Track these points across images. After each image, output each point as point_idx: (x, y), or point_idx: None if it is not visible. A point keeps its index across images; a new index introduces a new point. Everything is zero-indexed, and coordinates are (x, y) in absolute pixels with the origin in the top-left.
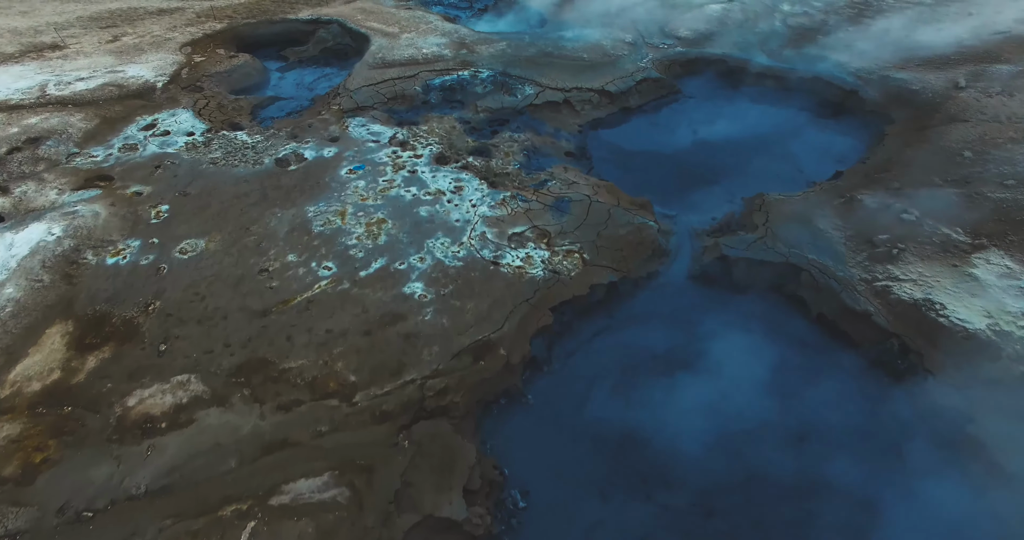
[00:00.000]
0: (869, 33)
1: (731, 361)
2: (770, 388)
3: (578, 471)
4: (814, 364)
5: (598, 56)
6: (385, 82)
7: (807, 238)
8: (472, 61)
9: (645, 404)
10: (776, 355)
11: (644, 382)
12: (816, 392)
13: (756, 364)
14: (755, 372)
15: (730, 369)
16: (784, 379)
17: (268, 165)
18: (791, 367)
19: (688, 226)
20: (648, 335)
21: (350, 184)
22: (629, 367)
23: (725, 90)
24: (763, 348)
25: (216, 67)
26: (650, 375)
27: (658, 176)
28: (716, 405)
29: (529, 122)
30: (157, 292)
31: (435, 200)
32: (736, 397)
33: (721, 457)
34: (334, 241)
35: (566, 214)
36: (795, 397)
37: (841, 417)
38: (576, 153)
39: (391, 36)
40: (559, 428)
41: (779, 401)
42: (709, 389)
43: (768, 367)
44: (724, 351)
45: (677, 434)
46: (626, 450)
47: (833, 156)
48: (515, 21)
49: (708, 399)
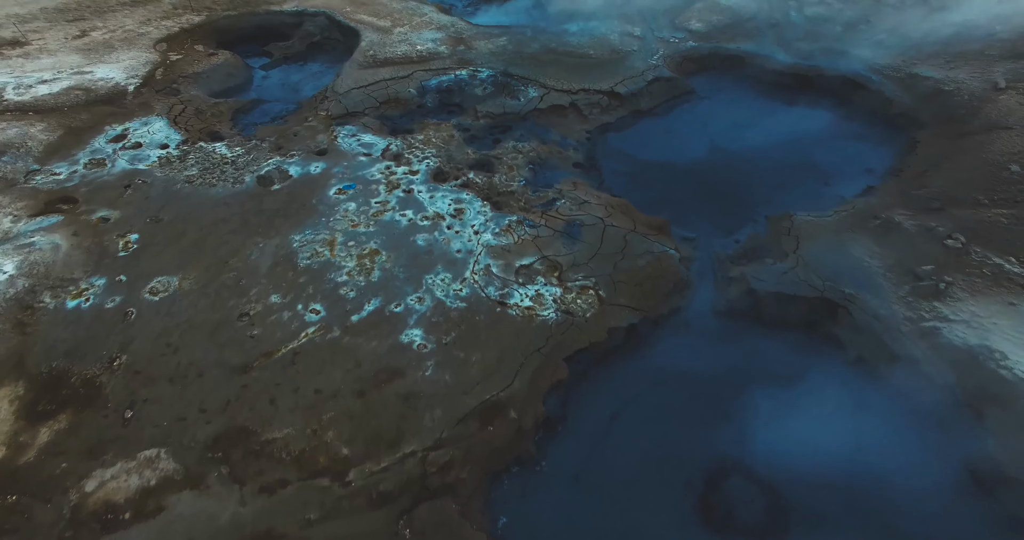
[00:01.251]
0: (891, 24)
1: (765, 422)
2: (814, 456)
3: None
4: (855, 422)
5: (605, 52)
6: (377, 84)
7: (842, 268)
8: (471, 59)
9: (662, 465)
10: (813, 409)
11: (663, 436)
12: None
13: (794, 422)
14: (792, 433)
15: (764, 433)
16: (823, 442)
17: (249, 184)
18: (829, 423)
19: (710, 250)
20: (672, 386)
21: (339, 207)
22: (650, 423)
23: (741, 89)
24: (799, 403)
25: (194, 66)
26: (671, 429)
27: (674, 190)
28: (752, 471)
29: (533, 129)
30: (124, 343)
31: (434, 226)
32: (772, 456)
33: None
34: (322, 277)
35: (578, 241)
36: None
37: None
38: (585, 164)
39: (383, 30)
40: (577, 499)
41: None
42: (736, 448)
43: (807, 425)
44: (757, 408)
45: (707, 503)
46: (647, 523)
47: (860, 165)
48: (515, 12)
49: (737, 462)
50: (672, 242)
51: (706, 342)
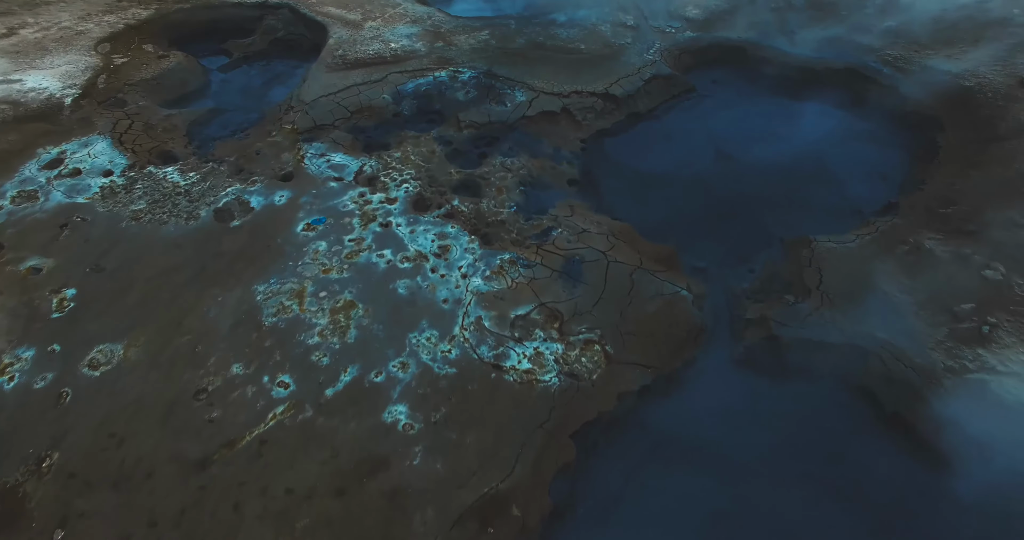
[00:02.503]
0: (899, 7)
1: (796, 507)
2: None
3: None
4: (893, 494)
5: (598, 46)
6: (347, 90)
7: (871, 306)
8: (451, 57)
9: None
10: (846, 478)
11: (682, 524)
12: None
13: (824, 494)
14: (823, 510)
15: (791, 510)
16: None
17: (205, 219)
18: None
19: (723, 283)
20: (690, 460)
21: (309, 247)
22: (667, 509)
23: (744, 85)
24: (829, 471)
25: (142, 72)
26: (690, 516)
27: (679, 208)
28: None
29: (523, 140)
30: (56, 436)
31: (416, 269)
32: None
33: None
34: (291, 339)
35: (579, 283)
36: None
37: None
38: (581, 181)
39: (353, 25)
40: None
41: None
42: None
43: (839, 494)
44: (785, 477)
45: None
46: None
47: (878, 174)
48: (495, 8)
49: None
50: (683, 279)
51: (725, 400)
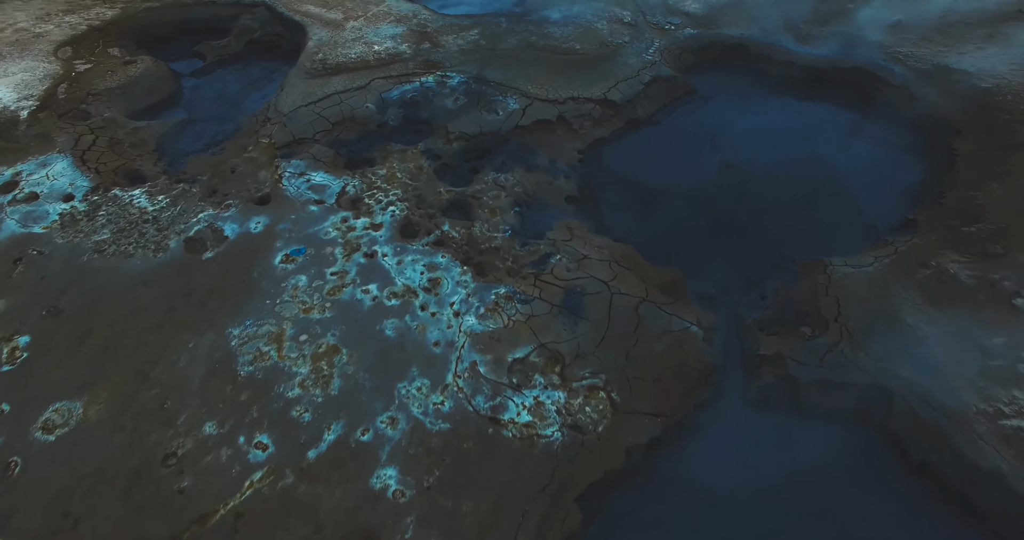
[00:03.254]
0: None
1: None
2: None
3: None
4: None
5: (594, 46)
6: (328, 98)
7: (895, 340)
8: (438, 60)
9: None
10: (872, 534)
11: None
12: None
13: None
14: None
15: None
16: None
17: (175, 251)
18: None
19: (733, 310)
20: (706, 521)
21: (287, 282)
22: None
23: (747, 86)
24: (854, 527)
25: (107, 79)
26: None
27: (683, 225)
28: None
29: (516, 152)
30: (2, 515)
31: (404, 306)
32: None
33: None
34: (269, 392)
35: (581, 319)
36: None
37: None
38: (580, 197)
39: (333, 25)
40: None
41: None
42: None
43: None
44: (807, 534)
45: None
46: None
47: (892, 184)
48: (484, 1)
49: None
50: (691, 311)
51: (739, 449)
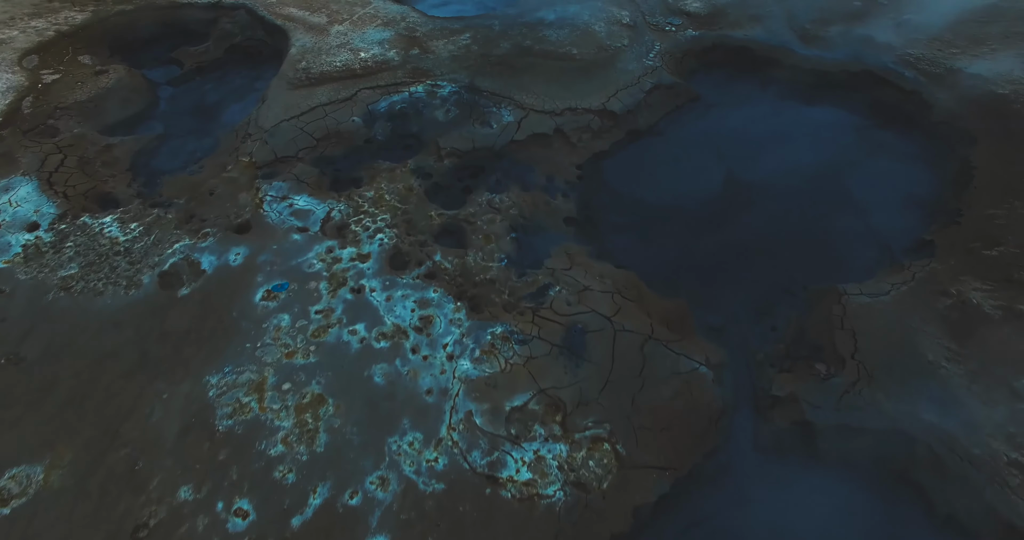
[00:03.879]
0: None
1: None
2: None
3: None
4: None
5: (591, 50)
6: (312, 111)
7: (916, 380)
8: (428, 68)
9: None
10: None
11: None
12: None
13: None
14: None
15: None
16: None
17: (148, 287)
18: None
19: (743, 343)
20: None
21: (269, 322)
22: None
23: (752, 91)
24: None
25: (77, 92)
26: None
27: (688, 248)
28: None
29: (511, 169)
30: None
31: (394, 348)
32: None
33: None
34: (249, 449)
35: (583, 360)
36: None
37: None
38: (579, 218)
39: (317, 30)
40: None
41: None
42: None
43: None
44: None
45: None
46: None
47: (906, 199)
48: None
49: None
50: (699, 348)
51: (752, 501)
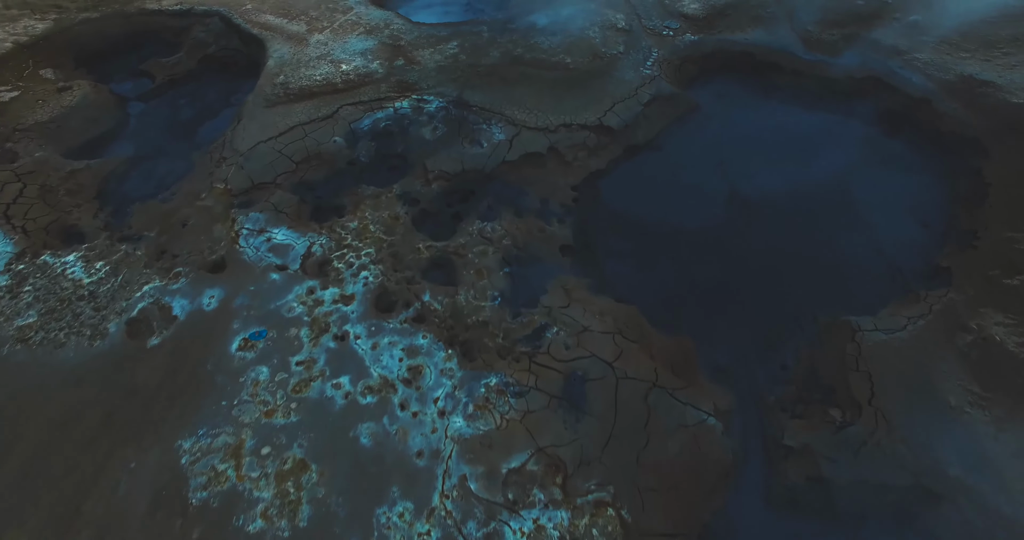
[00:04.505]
0: None
1: None
2: None
3: None
4: None
5: (586, 58)
6: (291, 132)
7: (939, 430)
8: (413, 81)
9: None
10: None
11: None
12: None
13: None
14: None
15: None
16: None
17: (115, 337)
18: None
19: (752, 386)
20: None
21: (246, 376)
22: None
23: (754, 99)
24: None
25: (38, 111)
26: None
27: (691, 276)
28: None
29: (504, 193)
30: None
31: (381, 404)
32: None
33: None
34: (226, 525)
35: (583, 413)
36: None
37: None
38: (576, 246)
39: (296, 39)
40: None
41: None
42: None
43: None
44: None
45: None
46: None
47: (917, 217)
48: (463, 1)
49: None
50: (706, 392)
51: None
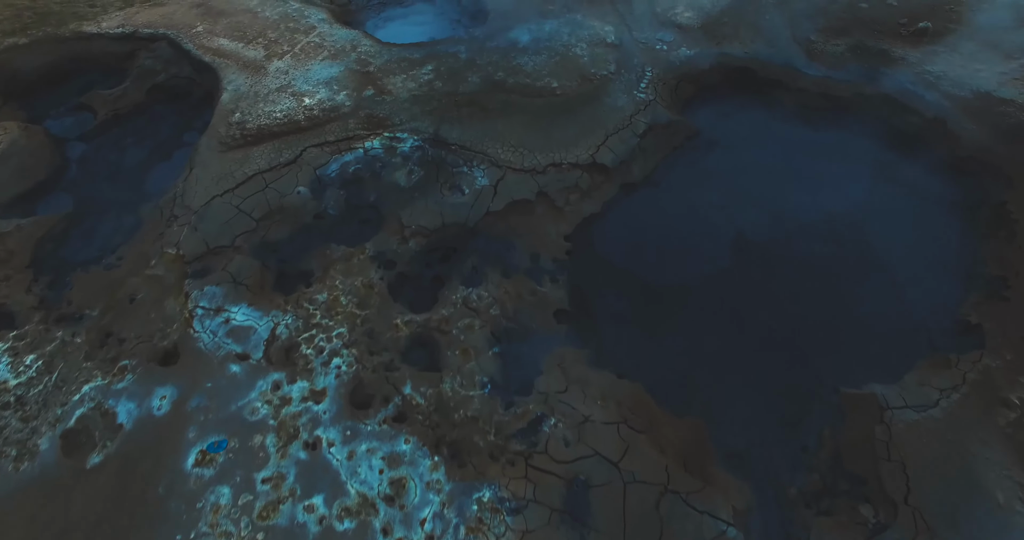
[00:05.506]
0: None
1: None
2: None
3: None
4: None
5: (574, 81)
6: (249, 182)
7: (988, 534)
8: (385, 115)
9: None
10: None
11: None
12: None
13: None
14: None
15: None
16: None
17: (47, 456)
18: None
19: (771, 474)
20: None
21: (205, 500)
22: None
23: (756, 121)
24: None
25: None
26: None
27: (698, 339)
28: None
29: (489, 248)
30: None
31: (361, 530)
32: None
33: None
34: None
35: (589, 529)
36: None
37: None
38: (572, 310)
39: (253, 68)
40: None
41: None
42: None
43: None
44: None
45: None
46: None
47: (938, 257)
48: (438, 12)
49: None
50: (724, 492)
51: None
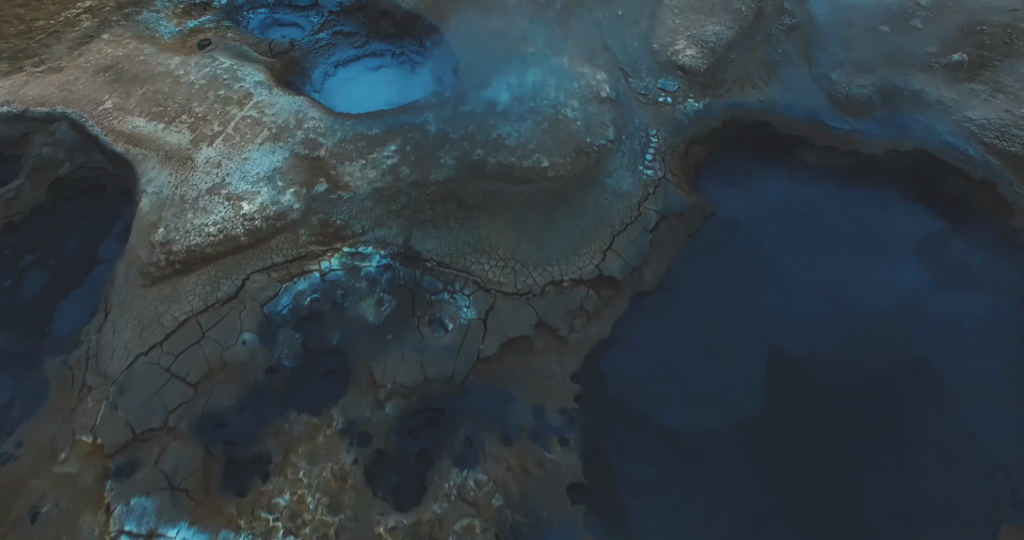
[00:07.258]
0: (959, 9)
1: None
2: None
3: None
4: None
5: (567, 157)
6: (181, 330)
7: None
8: (343, 221)
9: None
10: None
11: None
12: None
13: None
14: None
15: None
16: None
17: None
18: None
19: None
20: None
21: None
22: None
23: (779, 191)
24: None
25: None
26: None
27: (735, 509)
28: None
29: (484, 407)
30: None
31: None
32: None
33: None
34: None
35: None
36: None
37: None
38: (588, 482)
39: (177, 159)
40: None
41: None
42: None
43: None
44: None
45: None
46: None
47: (1011, 373)
48: (396, 51)
49: None
50: None
51: None
